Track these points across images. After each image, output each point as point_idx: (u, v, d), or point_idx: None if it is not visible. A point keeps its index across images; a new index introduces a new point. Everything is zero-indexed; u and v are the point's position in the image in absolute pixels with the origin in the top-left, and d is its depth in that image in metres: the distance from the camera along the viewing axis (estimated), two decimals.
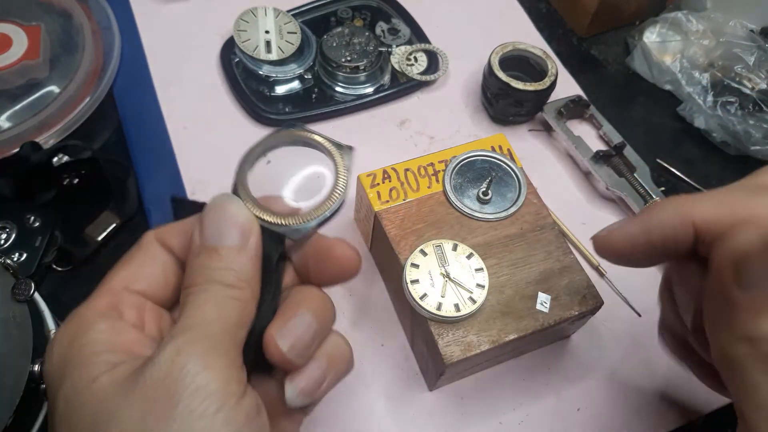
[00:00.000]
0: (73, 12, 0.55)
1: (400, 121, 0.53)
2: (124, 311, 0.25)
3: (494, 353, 0.36)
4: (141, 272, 0.26)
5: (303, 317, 0.25)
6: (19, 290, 0.30)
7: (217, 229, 0.25)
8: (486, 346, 0.35)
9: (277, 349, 0.24)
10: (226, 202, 0.26)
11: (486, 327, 0.35)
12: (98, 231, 0.45)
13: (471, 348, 0.35)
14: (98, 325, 0.24)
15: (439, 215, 0.39)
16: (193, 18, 0.58)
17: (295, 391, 0.25)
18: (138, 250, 0.27)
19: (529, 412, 0.40)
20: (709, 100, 0.53)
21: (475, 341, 0.35)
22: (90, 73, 0.52)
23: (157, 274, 0.26)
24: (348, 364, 0.27)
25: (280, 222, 0.26)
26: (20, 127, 0.48)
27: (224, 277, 0.24)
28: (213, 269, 0.24)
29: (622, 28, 0.62)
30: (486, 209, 0.40)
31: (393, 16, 0.58)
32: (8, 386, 0.28)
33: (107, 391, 0.21)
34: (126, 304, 0.25)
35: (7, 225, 0.42)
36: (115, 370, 0.22)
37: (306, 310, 0.25)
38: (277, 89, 0.53)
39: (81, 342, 0.23)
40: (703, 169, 0.53)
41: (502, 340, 0.35)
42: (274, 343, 0.24)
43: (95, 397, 0.21)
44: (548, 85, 0.49)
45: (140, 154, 0.49)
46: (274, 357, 0.24)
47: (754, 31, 0.55)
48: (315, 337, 0.25)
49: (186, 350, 0.21)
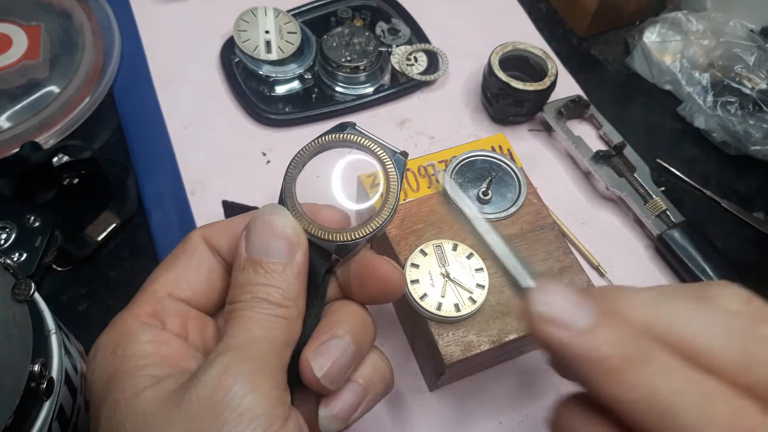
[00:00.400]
0: (73, 12, 0.55)
1: (400, 121, 0.53)
2: (167, 320, 0.24)
3: (494, 353, 0.36)
4: (185, 277, 0.25)
5: (340, 341, 0.24)
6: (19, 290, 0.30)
7: (263, 242, 0.24)
8: (486, 346, 0.35)
9: (311, 373, 0.23)
10: (273, 214, 0.25)
11: (486, 327, 0.35)
12: (98, 231, 0.45)
13: (471, 348, 0.35)
14: (142, 335, 0.23)
15: (439, 215, 0.39)
16: (193, 18, 0.58)
17: (328, 417, 0.24)
18: (183, 251, 0.26)
19: (528, 412, 0.40)
20: (709, 100, 0.53)
21: (475, 341, 0.35)
22: (90, 73, 0.52)
23: (202, 280, 0.26)
24: (387, 385, 0.26)
25: (329, 238, 0.25)
26: (20, 127, 0.48)
27: (270, 294, 0.23)
28: (259, 286, 0.23)
29: (622, 28, 0.62)
30: (486, 209, 0.40)
31: (393, 16, 0.58)
32: (8, 386, 0.27)
33: (151, 408, 0.21)
34: (169, 313, 0.24)
35: (7, 225, 0.42)
36: (160, 385, 0.22)
37: (344, 332, 0.24)
38: (277, 89, 0.53)
39: (124, 353, 0.23)
40: (703, 168, 0.53)
41: (502, 340, 0.35)
42: (309, 367, 0.23)
43: (138, 412, 0.21)
44: (548, 85, 0.49)
45: (140, 154, 0.49)
46: (309, 381, 0.24)
47: (754, 31, 0.55)
48: (352, 360, 0.24)
49: (233, 370, 0.21)
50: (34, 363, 0.29)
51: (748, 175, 0.53)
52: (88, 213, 0.46)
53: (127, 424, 0.21)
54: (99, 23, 0.55)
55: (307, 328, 0.24)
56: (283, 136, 0.51)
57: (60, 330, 0.33)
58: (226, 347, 0.22)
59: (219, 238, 0.26)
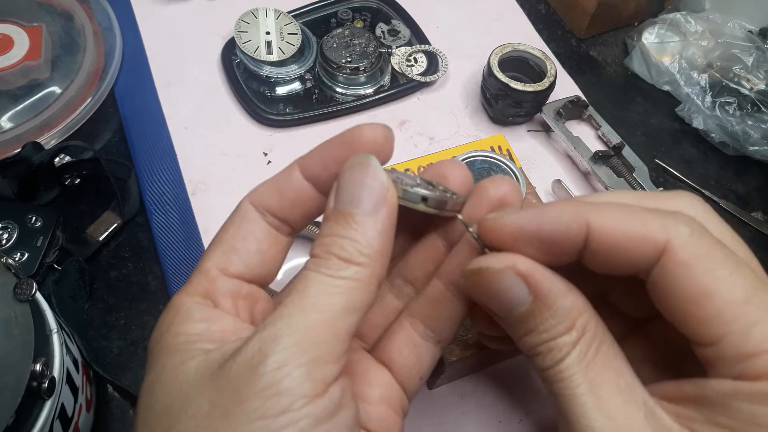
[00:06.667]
0: (74, 13, 0.55)
1: (400, 122, 0.53)
2: (219, 300, 0.24)
3: (494, 352, 0.37)
4: (235, 251, 0.25)
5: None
6: (20, 290, 0.30)
7: (350, 190, 0.22)
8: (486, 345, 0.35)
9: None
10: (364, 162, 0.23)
11: None
12: (100, 231, 0.45)
13: (471, 347, 0.35)
14: (195, 313, 0.23)
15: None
16: (194, 19, 0.58)
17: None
18: (231, 223, 0.25)
19: (528, 411, 0.40)
20: (708, 101, 0.54)
21: (475, 339, 0.35)
22: (91, 74, 0.52)
23: (252, 251, 0.25)
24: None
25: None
26: (22, 127, 0.48)
27: (343, 248, 0.21)
28: (335, 237, 0.22)
29: (620, 29, 0.62)
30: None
31: (393, 18, 0.58)
32: (10, 386, 0.28)
33: (190, 376, 0.21)
34: (221, 293, 0.24)
35: (9, 225, 0.42)
36: (207, 356, 0.21)
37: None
38: (278, 90, 0.53)
39: (177, 330, 0.22)
40: (702, 169, 0.53)
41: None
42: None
43: (179, 379, 0.21)
44: (547, 86, 0.49)
45: (141, 155, 0.50)
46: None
47: (753, 32, 0.56)
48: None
49: (270, 343, 0.20)
50: (35, 362, 0.29)
51: (747, 175, 0.53)
52: (90, 213, 0.46)
53: (167, 387, 0.21)
54: (100, 24, 0.56)
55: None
56: (284, 137, 0.51)
57: (61, 329, 0.33)
58: (276, 316, 0.21)
59: (267, 197, 0.25)
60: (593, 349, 0.22)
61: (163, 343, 0.22)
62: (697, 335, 0.21)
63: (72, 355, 0.34)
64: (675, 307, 0.21)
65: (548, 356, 0.23)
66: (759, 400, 0.20)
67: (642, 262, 0.22)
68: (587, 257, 0.23)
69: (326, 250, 0.22)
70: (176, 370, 0.21)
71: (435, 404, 0.40)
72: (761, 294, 0.20)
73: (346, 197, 0.22)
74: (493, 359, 0.40)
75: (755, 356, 0.20)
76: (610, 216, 0.22)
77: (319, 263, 0.22)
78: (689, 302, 0.21)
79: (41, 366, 0.29)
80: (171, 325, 0.23)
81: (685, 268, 0.21)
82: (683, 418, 0.21)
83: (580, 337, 0.22)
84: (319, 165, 0.25)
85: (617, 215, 0.22)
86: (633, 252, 0.22)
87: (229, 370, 0.20)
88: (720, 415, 0.20)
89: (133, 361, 0.41)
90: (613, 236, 0.22)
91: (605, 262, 0.23)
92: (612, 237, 0.22)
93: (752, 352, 0.20)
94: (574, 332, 0.22)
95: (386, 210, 0.22)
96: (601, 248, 0.22)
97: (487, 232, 0.24)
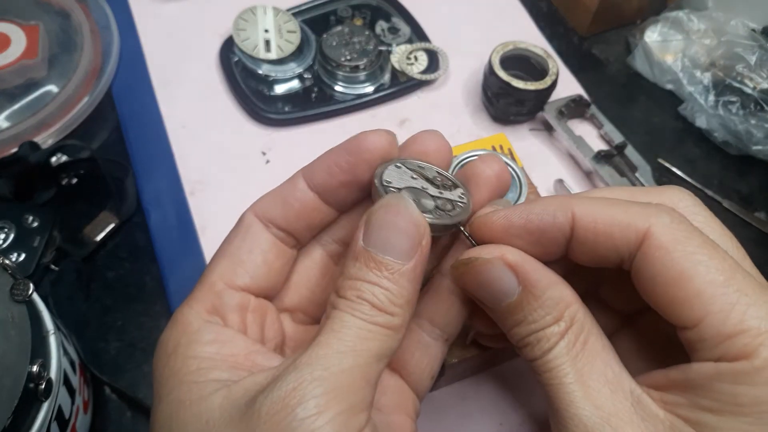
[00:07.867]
0: (71, 11, 0.55)
1: (400, 121, 0.53)
2: (227, 316, 0.23)
3: (494, 354, 0.36)
4: (241, 263, 0.24)
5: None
6: (17, 290, 0.30)
7: (383, 234, 0.22)
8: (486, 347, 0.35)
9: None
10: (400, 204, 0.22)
11: None
12: (97, 231, 0.45)
13: (471, 349, 0.34)
14: (204, 334, 0.22)
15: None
16: (192, 17, 0.58)
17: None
18: (235, 234, 0.25)
19: (529, 414, 0.40)
20: (711, 100, 0.53)
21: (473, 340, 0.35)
22: (89, 73, 0.52)
23: (259, 263, 0.24)
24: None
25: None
26: (19, 126, 0.48)
27: (376, 297, 0.21)
28: (367, 284, 0.21)
29: (623, 27, 0.61)
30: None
31: (393, 15, 0.57)
32: (7, 387, 0.27)
33: (215, 414, 0.20)
34: (229, 307, 0.24)
35: (6, 225, 0.42)
36: (228, 391, 0.21)
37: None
38: (277, 88, 0.53)
39: (186, 353, 0.22)
40: (705, 168, 0.53)
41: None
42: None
43: (203, 418, 0.20)
44: (549, 85, 0.49)
45: (139, 154, 0.49)
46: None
47: (756, 31, 0.55)
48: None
49: (303, 387, 0.19)
50: (32, 364, 0.29)
51: (750, 175, 0.53)
52: (87, 213, 0.46)
53: (189, 427, 0.20)
54: (98, 23, 0.55)
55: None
56: (282, 136, 0.51)
57: (58, 331, 0.32)
58: (308, 360, 0.20)
59: (271, 209, 0.25)
60: (581, 339, 0.23)
61: (173, 367, 0.22)
62: (679, 318, 0.21)
63: (69, 356, 0.33)
64: (657, 292, 0.22)
65: (537, 346, 0.23)
66: (739, 380, 0.20)
67: (625, 248, 0.22)
68: (574, 248, 0.24)
69: (358, 296, 0.21)
70: (197, 407, 0.21)
71: (435, 406, 0.40)
72: (739, 276, 0.21)
73: (379, 241, 0.22)
74: (494, 362, 0.40)
75: (734, 336, 0.20)
76: (594, 206, 0.23)
77: (353, 306, 0.21)
78: (670, 285, 0.21)
79: (38, 367, 0.29)
80: (178, 346, 0.22)
81: (665, 252, 0.21)
82: (669, 404, 0.22)
83: (568, 327, 0.23)
84: (325, 174, 0.25)
85: (601, 205, 0.23)
86: (616, 239, 0.22)
87: (260, 408, 0.19)
88: (703, 398, 0.21)
89: (130, 362, 0.41)
90: (596, 224, 0.23)
91: (591, 251, 0.23)
92: (596, 224, 0.23)
93: (731, 332, 0.20)
94: (563, 323, 0.23)
95: (419, 257, 0.22)
96: (587, 236, 0.23)
97: (478, 227, 0.25)
